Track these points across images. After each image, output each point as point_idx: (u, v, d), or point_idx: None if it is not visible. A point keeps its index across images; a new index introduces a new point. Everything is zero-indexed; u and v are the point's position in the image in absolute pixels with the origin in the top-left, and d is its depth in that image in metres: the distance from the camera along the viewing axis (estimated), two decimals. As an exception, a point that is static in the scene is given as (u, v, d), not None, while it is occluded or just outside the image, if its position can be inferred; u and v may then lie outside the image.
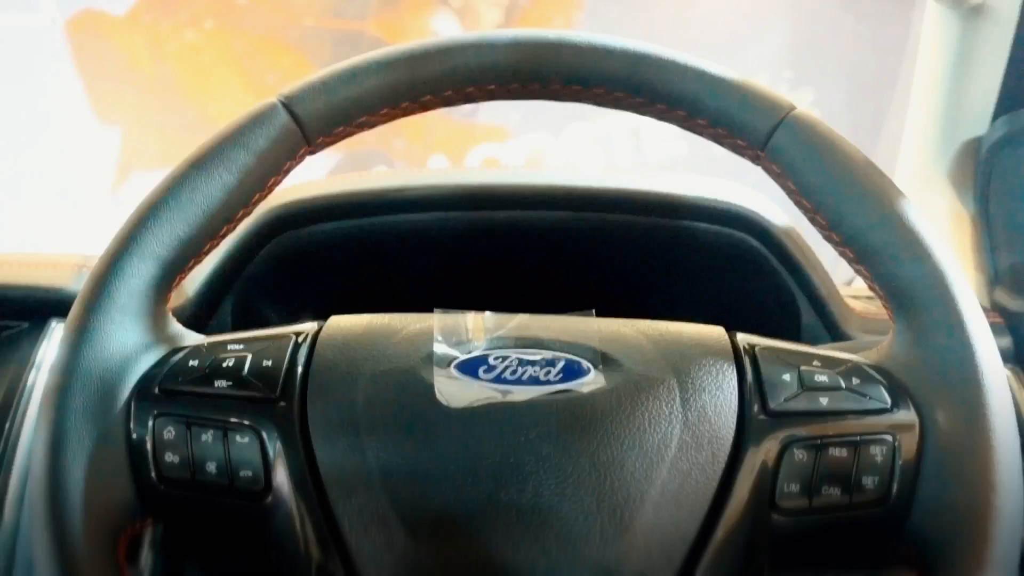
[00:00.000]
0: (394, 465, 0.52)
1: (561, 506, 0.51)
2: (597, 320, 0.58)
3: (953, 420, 0.52)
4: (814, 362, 0.55)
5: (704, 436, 0.53)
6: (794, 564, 0.74)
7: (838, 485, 0.52)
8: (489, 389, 0.54)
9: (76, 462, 0.51)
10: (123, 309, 0.54)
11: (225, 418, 0.54)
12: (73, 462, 0.51)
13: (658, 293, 0.88)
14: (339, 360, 0.56)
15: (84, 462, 0.51)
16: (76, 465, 0.51)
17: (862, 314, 0.85)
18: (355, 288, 0.88)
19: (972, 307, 0.53)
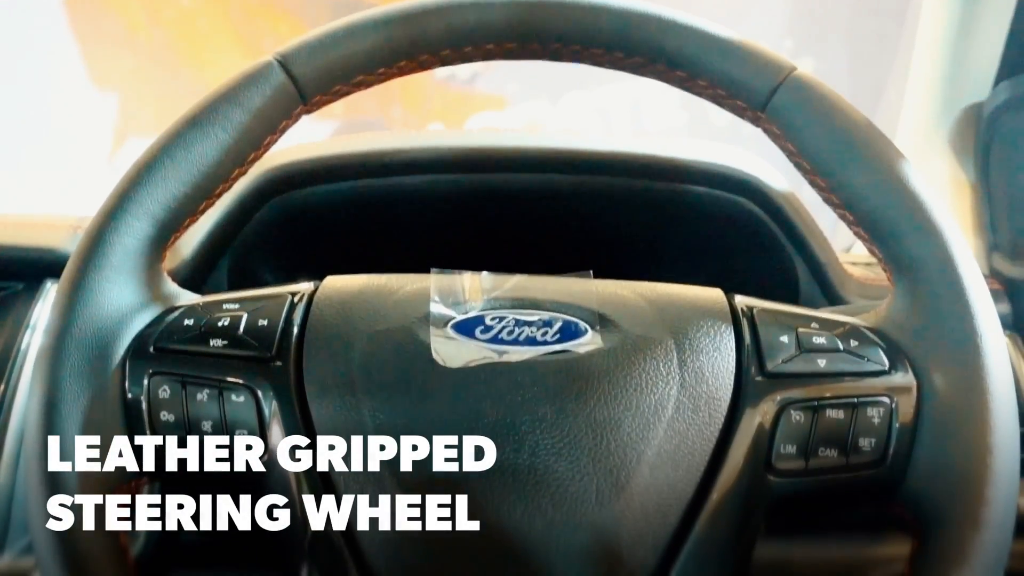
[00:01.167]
0: (390, 424, 0.52)
1: (557, 466, 0.51)
2: (595, 281, 0.58)
3: (950, 383, 0.52)
4: (812, 324, 0.55)
5: (701, 397, 0.53)
6: (790, 526, 0.75)
7: (835, 447, 0.52)
8: (485, 349, 0.54)
9: (71, 420, 0.51)
10: (118, 268, 0.54)
11: (220, 377, 0.53)
12: (68, 420, 0.51)
13: (656, 257, 0.88)
14: (335, 320, 0.55)
15: (79, 420, 0.51)
16: (71, 423, 0.51)
17: (860, 280, 0.84)
18: (352, 250, 0.88)
19: (971, 270, 0.53)
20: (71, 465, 0.50)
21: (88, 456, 0.51)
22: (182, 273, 0.80)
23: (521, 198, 0.85)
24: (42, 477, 0.50)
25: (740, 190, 0.82)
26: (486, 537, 0.50)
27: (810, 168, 0.56)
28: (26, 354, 0.80)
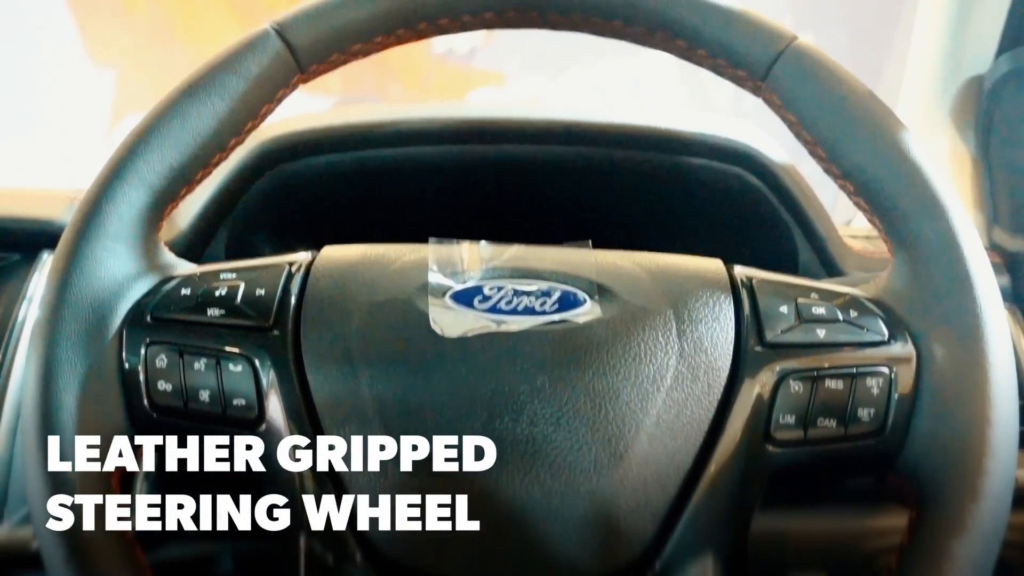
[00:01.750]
0: (388, 394, 0.52)
1: (555, 436, 0.51)
2: (594, 252, 0.58)
3: (950, 354, 0.52)
4: (812, 295, 0.55)
5: (700, 367, 0.53)
6: (788, 497, 0.75)
7: (833, 417, 0.52)
8: (484, 319, 0.53)
9: (67, 390, 0.51)
10: (114, 237, 0.53)
11: (218, 347, 0.53)
12: (64, 390, 0.51)
13: (655, 229, 0.88)
14: (333, 289, 0.55)
15: (76, 390, 0.51)
16: (68, 392, 0.51)
17: (860, 253, 0.84)
18: (350, 222, 0.87)
19: (972, 241, 0.53)
20: (69, 435, 0.50)
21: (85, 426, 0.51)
22: (179, 244, 0.80)
23: (520, 169, 0.85)
24: (40, 447, 0.50)
25: (740, 162, 0.82)
26: (483, 506, 0.49)
27: (811, 139, 0.55)
28: (23, 326, 0.80)
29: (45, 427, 0.50)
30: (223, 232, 0.83)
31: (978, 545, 0.49)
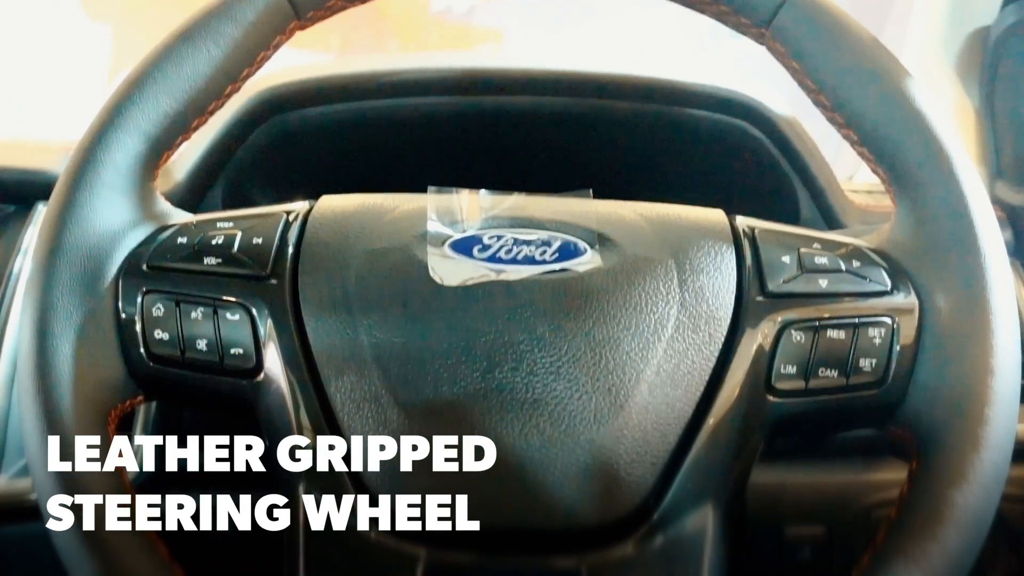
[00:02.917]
0: (387, 343, 0.51)
1: (555, 385, 0.50)
2: (594, 201, 0.57)
3: (953, 304, 0.51)
4: (814, 245, 0.55)
5: (701, 317, 0.52)
6: (787, 450, 0.75)
7: (835, 367, 0.52)
8: (483, 268, 0.53)
9: (64, 338, 0.51)
10: (109, 185, 0.53)
11: (215, 295, 0.53)
12: (61, 338, 0.50)
13: (656, 181, 0.87)
14: (331, 238, 0.55)
15: (72, 338, 0.51)
16: (64, 341, 0.50)
17: (861, 207, 0.84)
18: (348, 173, 0.87)
19: (976, 191, 0.52)
20: (66, 383, 0.50)
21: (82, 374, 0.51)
22: (176, 196, 0.79)
23: (521, 120, 0.84)
24: (36, 395, 0.50)
25: (742, 114, 0.81)
26: (483, 454, 0.49)
27: (814, 87, 0.55)
28: (18, 278, 0.79)
29: (41, 376, 0.50)
30: (220, 184, 0.82)
31: (979, 494, 0.49)
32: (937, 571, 0.48)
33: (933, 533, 0.48)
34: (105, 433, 0.51)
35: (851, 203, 0.83)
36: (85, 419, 0.50)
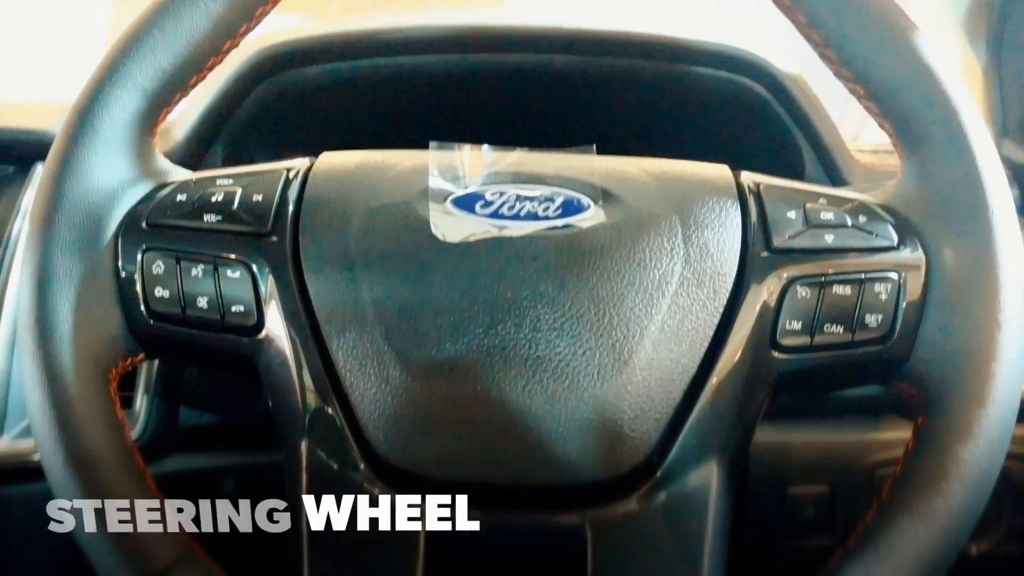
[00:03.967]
0: (389, 300, 0.51)
1: (559, 341, 0.50)
2: (598, 157, 0.57)
3: (960, 258, 0.51)
4: (820, 200, 0.54)
5: (706, 273, 0.52)
6: (792, 408, 0.75)
7: (840, 323, 0.51)
8: (486, 224, 0.52)
9: (63, 296, 0.50)
10: (107, 142, 0.52)
11: (215, 253, 0.52)
12: (60, 296, 0.50)
13: (661, 140, 0.86)
14: (331, 195, 0.54)
15: (71, 296, 0.50)
16: (63, 299, 0.50)
17: (867, 166, 0.83)
18: (349, 132, 0.86)
19: (984, 145, 0.51)
20: (66, 341, 0.50)
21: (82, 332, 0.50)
22: (176, 156, 0.79)
23: (523, 78, 0.83)
24: (36, 353, 0.50)
25: (746, 71, 0.81)
26: (486, 411, 0.49)
27: (821, 40, 0.54)
28: (17, 240, 0.79)
29: (41, 333, 0.50)
30: (220, 144, 0.82)
31: (984, 450, 0.48)
32: (942, 527, 0.48)
33: (939, 489, 0.48)
34: (106, 391, 0.51)
35: (856, 162, 0.82)
36: (85, 376, 0.50)
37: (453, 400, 0.49)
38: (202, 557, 0.50)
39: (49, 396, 0.49)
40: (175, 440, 0.76)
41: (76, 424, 0.49)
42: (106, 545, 0.48)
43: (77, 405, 0.50)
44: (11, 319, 0.76)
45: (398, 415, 0.49)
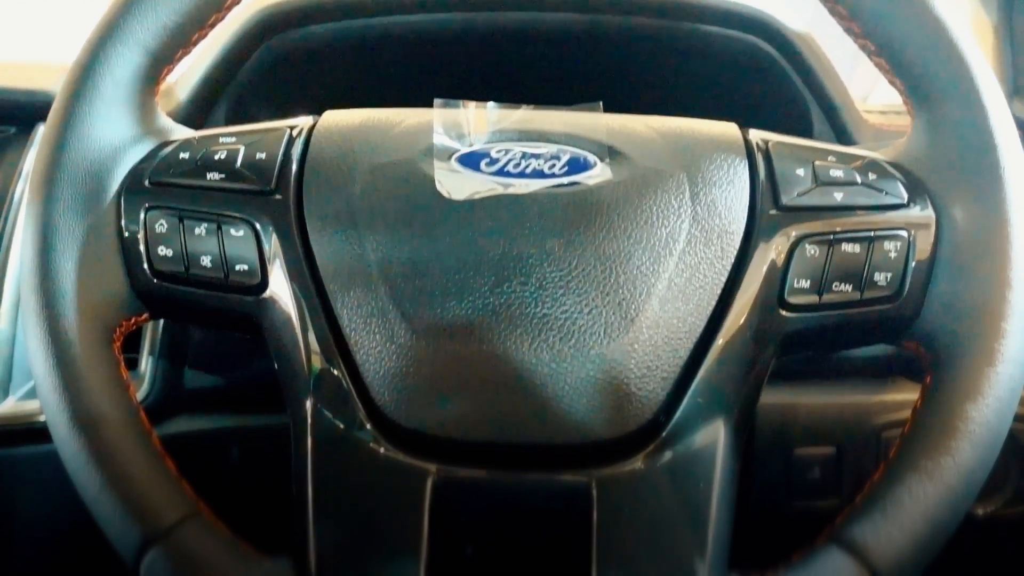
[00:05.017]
0: (393, 258, 0.50)
1: (565, 299, 0.49)
2: (605, 114, 0.56)
3: (970, 216, 0.50)
4: (829, 157, 0.54)
5: (713, 231, 0.51)
6: (799, 369, 0.74)
7: (849, 281, 0.51)
8: (491, 182, 0.52)
9: (66, 256, 0.50)
10: (109, 99, 0.52)
11: (218, 211, 0.52)
12: (63, 255, 0.50)
13: (668, 98, 0.86)
14: (335, 153, 0.54)
15: (75, 255, 0.50)
16: (66, 259, 0.50)
17: (876, 126, 0.82)
18: (353, 93, 0.85)
19: (996, 101, 0.51)
20: (69, 300, 0.50)
21: (86, 291, 0.50)
22: (178, 117, 0.78)
23: (529, 37, 0.83)
24: (39, 311, 0.49)
25: (755, 29, 0.80)
26: (492, 369, 0.49)
27: None
28: (19, 202, 0.78)
29: (44, 293, 0.50)
30: (223, 105, 0.81)
31: (993, 408, 0.48)
32: (950, 485, 0.47)
33: (947, 447, 0.48)
34: (110, 350, 0.51)
35: (865, 122, 0.82)
36: (89, 336, 0.50)
37: (458, 359, 0.49)
38: (208, 515, 0.50)
39: (53, 355, 0.49)
40: (180, 402, 0.76)
41: (80, 383, 0.49)
42: (111, 504, 0.48)
43: (81, 364, 0.49)
44: (15, 282, 0.76)
45: (403, 374, 0.49)
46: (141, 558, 0.48)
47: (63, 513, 0.74)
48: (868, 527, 0.47)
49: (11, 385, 0.74)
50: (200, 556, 0.48)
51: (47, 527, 0.78)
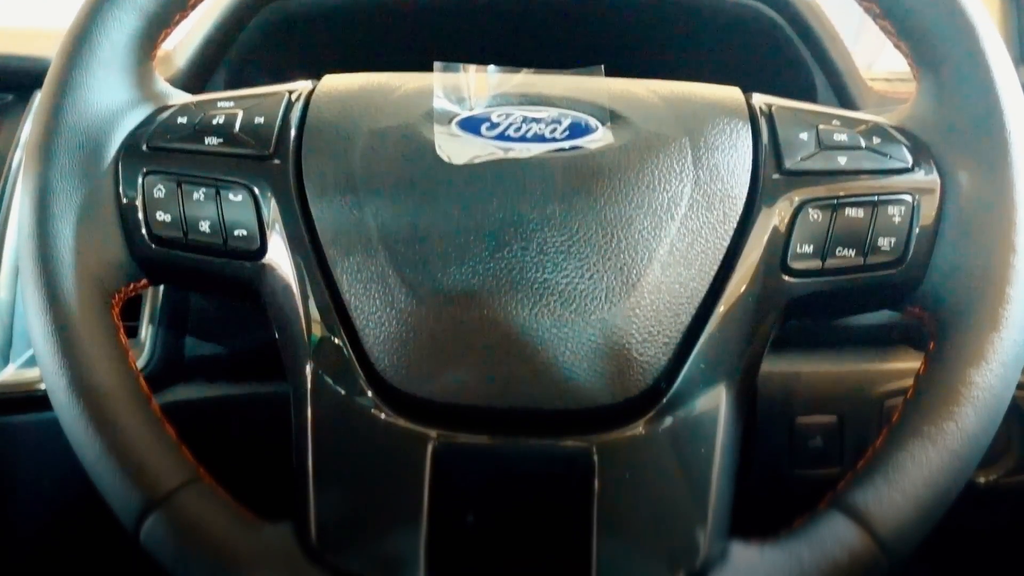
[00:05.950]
0: (393, 223, 0.50)
1: (566, 264, 0.49)
2: (607, 78, 0.55)
3: (976, 180, 0.50)
4: (833, 122, 0.53)
5: (716, 195, 0.51)
6: (801, 338, 0.74)
7: (853, 246, 0.51)
8: (492, 146, 0.51)
9: (64, 221, 0.50)
10: (106, 63, 0.52)
11: (217, 176, 0.52)
12: (61, 220, 0.50)
13: (671, 64, 0.85)
14: (335, 117, 0.53)
15: (72, 220, 0.50)
16: (64, 224, 0.50)
17: (880, 92, 0.82)
18: (352, 58, 0.85)
19: (1003, 65, 0.50)
20: (67, 266, 0.49)
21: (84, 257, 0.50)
22: (176, 83, 0.77)
23: (529, 2, 0.82)
24: (38, 277, 0.49)
25: None
26: (492, 334, 0.48)
27: None
28: (18, 171, 0.78)
29: (42, 259, 0.49)
30: (221, 72, 0.81)
31: (998, 374, 0.48)
32: (953, 450, 0.47)
33: (950, 412, 0.47)
34: (109, 316, 0.51)
35: (869, 89, 0.81)
36: (88, 302, 0.50)
37: (459, 324, 0.49)
38: (208, 481, 0.50)
39: (51, 321, 0.49)
40: (181, 370, 0.76)
41: (79, 349, 0.49)
42: (111, 470, 0.48)
43: (80, 330, 0.49)
44: (14, 249, 0.75)
45: (404, 340, 0.49)
46: (141, 523, 0.48)
47: (64, 480, 0.74)
48: (870, 492, 0.47)
49: (11, 352, 0.74)
50: (200, 521, 0.48)
51: (48, 494, 0.78)
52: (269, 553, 0.48)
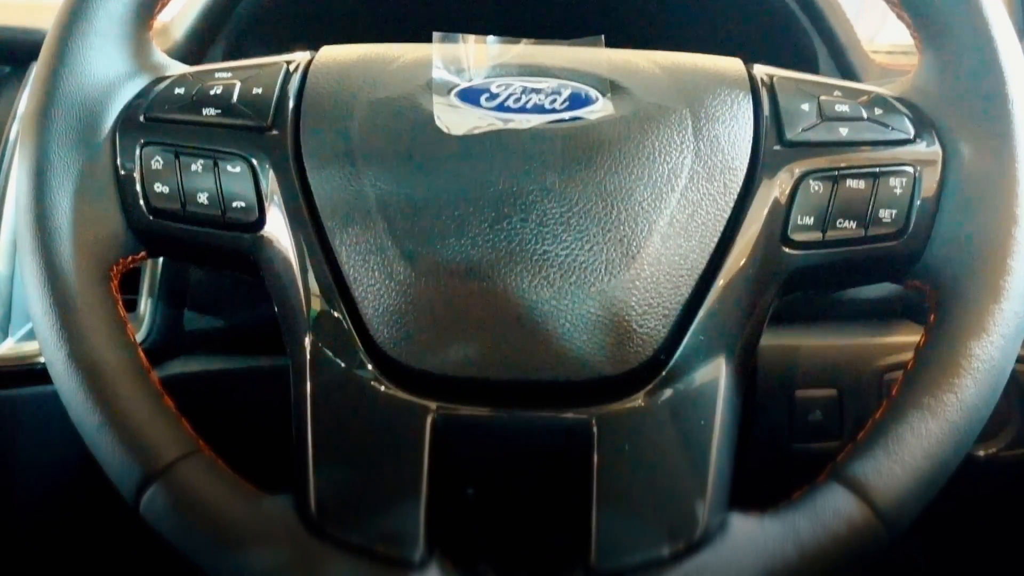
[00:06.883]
0: (392, 194, 0.50)
1: (566, 236, 0.49)
2: (607, 49, 0.55)
3: (978, 151, 0.50)
4: (835, 92, 0.53)
5: (716, 166, 0.51)
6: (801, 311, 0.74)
7: (854, 218, 0.50)
8: (491, 117, 0.51)
9: (61, 192, 0.50)
10: (103, 34, 0.51)
11: (215, 147, 0.51)
12: (58, 192, 0.49)
13: (672, 35, 0.85)
14: (333, 88, 0.53)
15: (70, 192, 0.50)
16: (62, 195, 0.50)
17: (882, 66, 0.81)
18: (350, 30, 0.84)
19: (1006, 34, 0.50)
20: (65, 237, 0.49)
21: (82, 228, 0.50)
22: (175, 55, 0.76)
23: None
24: (36, 249, 0.49)
25: None
26: (492, 306, 0.48)
27: None
28: (15, 144, 0.78)
29: (40, 230, 0.49)
30: (220, 44, 0.80)
31: (998, 346, 0.48)
32: (953, 422, 0.47)
33: (950, 384, 0.47)
34: (107, 288, 0.51)
35: (871, 61, 0.80)
36: (86, 274, 0.50)
37: (458, 296, 0.48)
38: (207, 453, 0.50)
39: (50, 293, 0.49)
40: (180, 343, 0.76)
41: (77, 321, 0.49)
42: (111, 442, 0.48)
43: (78, 302, 0.49)
44: (12, 223, 0.75)
45: (403, 312, 0.49)
46: (141, 495, 0.48)
47: (64, 453, 0.74)
48: (869, 464, 0.47)
49: (10, 326, 0.74)
50: (200, 493, 0.48)
51: (48, 467, 0.78)
52: (269, 525, 0.48)
